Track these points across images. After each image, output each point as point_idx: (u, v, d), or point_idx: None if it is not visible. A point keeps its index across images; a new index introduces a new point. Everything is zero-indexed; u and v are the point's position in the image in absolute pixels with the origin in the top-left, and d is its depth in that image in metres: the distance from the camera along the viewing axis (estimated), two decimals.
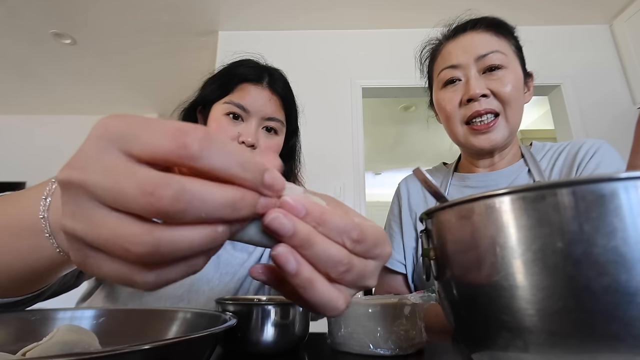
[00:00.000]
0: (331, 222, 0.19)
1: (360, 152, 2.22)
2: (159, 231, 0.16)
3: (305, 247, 0.19)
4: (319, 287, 0.19)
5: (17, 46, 2.53)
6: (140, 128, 0.16)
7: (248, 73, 0.67)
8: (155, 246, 0.15)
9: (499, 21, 0.70)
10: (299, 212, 0.19)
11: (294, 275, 0.19)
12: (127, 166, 0.15)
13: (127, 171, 0.15)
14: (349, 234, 0.20)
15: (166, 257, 0.16)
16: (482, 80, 0.65)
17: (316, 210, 0.19)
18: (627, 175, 0.19)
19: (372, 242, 0.21)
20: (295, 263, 0.19)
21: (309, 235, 0.19)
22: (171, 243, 0.16)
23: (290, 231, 0.18)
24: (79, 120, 3.62)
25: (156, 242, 0.15)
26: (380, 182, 5.96)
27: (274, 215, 0.18)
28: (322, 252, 0.19)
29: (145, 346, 0.18)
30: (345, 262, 0.19)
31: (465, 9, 0.75)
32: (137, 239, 0.15)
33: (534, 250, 0.20)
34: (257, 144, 0.65)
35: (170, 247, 0.16)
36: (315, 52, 2.42)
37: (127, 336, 0.33)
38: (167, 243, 0.16)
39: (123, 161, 0.16)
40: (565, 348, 0.20)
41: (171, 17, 2.28)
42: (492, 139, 0.65)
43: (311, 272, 0.19)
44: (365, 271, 0.21)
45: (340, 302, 0.20)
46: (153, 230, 0.16)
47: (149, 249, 0.15)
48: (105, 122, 0.16)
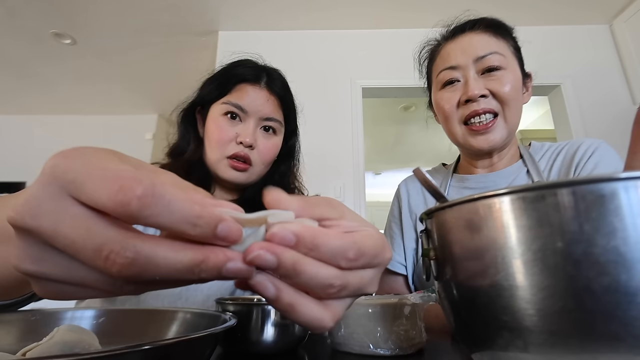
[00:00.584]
0: (324, 246, 0.18)
1: (360, 152, 2.22)
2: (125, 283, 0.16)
3: (292, 276, 0.18)
4: (302, 309, 0.19)
5: (17, 46, 2.53)
6: (85, 176, 0.15)
7: (246, 73, 0.67)
8: (137, 290, 0.17)
9: (498, 22, 0.70)
10: (288, 241, 0.18)
11: (274, 301, 0.18)
12: (81, 218, 0.15)
13: (82, 226, 0.15)
14: (344, 254, 0.19)
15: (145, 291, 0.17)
16: (480, 81, 0.65)
17: (307, 235, 0.18)
18: (627, 175, 0.19)
19: (371, 255, 0.20)
20: (274, 289, 0.18)
21: (295, 265, 0.18)
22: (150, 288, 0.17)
23: (273, 264, 0.17)
24: (79, 120, 3.62)
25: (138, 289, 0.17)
26: (380, 182, 5.96)
27: (254, 254, 0.17)
28: (310, 279, 0.18)
29: (145, 346, 0.18)
30: (337, 284, 0.19)
31: (465, 9, 0.75)
32: (106, 285, 0.16)
33: (534, 250, 0.20)
34: (255, 144, 0.65)
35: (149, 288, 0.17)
36: (315, 52, 2.43)
37: (127, 336, 0.33)
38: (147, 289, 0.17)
39: (76, 209, 0.15)
40: (565, 348, 0.20)
41: (171, 17, 2.28)
42: (490, 140, 0.65)
43: (292, 297, 0.19)
44: (363, 283, 0.20)
45: (326, 320, 0.19)
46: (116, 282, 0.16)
47: (130, 291, 0.17)
48: (52, 165, 0.16)
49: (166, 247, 0.15)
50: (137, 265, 0.15)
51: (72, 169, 0.15)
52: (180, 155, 0.70)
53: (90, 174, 0.15)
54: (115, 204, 0.14)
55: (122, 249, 0.15)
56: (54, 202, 0.15)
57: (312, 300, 0.19)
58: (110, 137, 3.53)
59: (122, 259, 0.15)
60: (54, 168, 0.16)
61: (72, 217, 0.15)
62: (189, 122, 0.72)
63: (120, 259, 0.15)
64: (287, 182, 0.75)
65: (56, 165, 0.16)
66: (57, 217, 0.15)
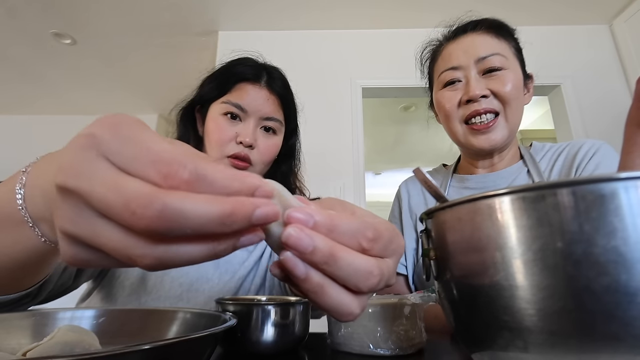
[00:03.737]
0: (342, 226, 0.18)
1: (360, 152, 2.22)
2: (162, 248, 0.16)
3: (330, 263, 0.18)
4: (331, 292, 0.19)
5: (17, 46, 2.53)
6: (127, 145, 0.16)
7: (246, 72, 0.67)
8: (157, 259, 0.16)
9: (499, 23, 0.70)
10: (306, 223, 0.18)
11: (304, 281, 0.18)
12: (115, 179, 0.16)
13: (115, 185, 0.15)
14: (363, 234, 0.19)
15: (169, 265, 0.16)
16: (482, 81, 0.65)
17: (324, 218, 0.18)
18: (627, 175, 0.19)
19: (388, 238, 0.20)
20: (303, 268, 0.18)
21: (331, 249, 0.18)
22: (173, 257, 0.16)
23: (309, 246, 0.17)
24: (79, 120, 3.61)
25: (158, 257, 0.16)
26: (380, 182, 5.96)
27: (287, 232, 0.17)
28: (348, 266, 0.18)
29: (145, 346, 0.18)
30: (376, 272, 0.19)
31: (466, 8, 0.75)
32: (140, 252, 0.16)
33: (534, 250, 0.20)
34: (255, 144, 0.65)
35: (173, 259, 0.16)
36: (315, 52, 2.42)
37: (127, 336, 0.33)
38: (169, 257, 0.16)
39: (113, 173, 0.16)
40: (565, 348, 0.20)
41: (171, 17, 2.28)
42: (491, 139, 0.65)
43: (322, 277, 0.18)
44: (390, 272, 0.20)
45: (353, 306, 0.19)
46: (155, 247, 0.16)
47: (152, 261, 0.16)
48: (93, 132, 0.16)
49: (194, 199, 0.15)
50: (165, 218, 0.15)
51: (113, 139, 0.16)
52: None
53: (136, 155, 0.16)
54: (157, 176, 0.15)
55: (149, 202, 0.15)
56: (92, 164, 0.16)
57: (341, 286, 0.19)
58: None
59: (150, 212, 0.15)
60: (94, 136, 0.16)
61: (105, 176, 0.16)
62: (188, 120, 0.71)
63: (148, 211, 0.15)
64: (289, 182, 0.75)
65: (95, 133, 0.16)
66: (94, 177, 0.16)
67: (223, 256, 0.17)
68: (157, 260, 0.16)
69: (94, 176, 0.16)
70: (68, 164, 0.16)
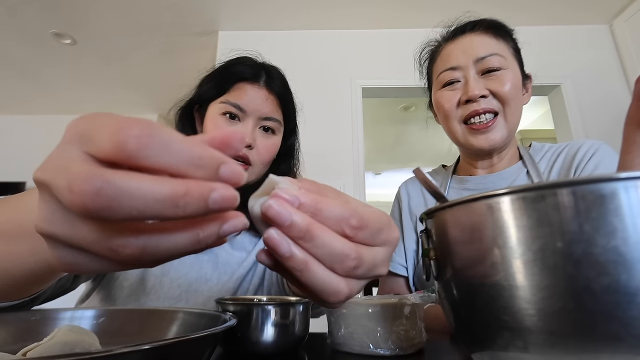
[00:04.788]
0: (327, 210, 0.18)
1: (360, 152, 2.22)
2: (143, 237, 0.15)
3: (306, 239, 0.18)
4: (316, 269, 0.19)
5: (17, 46, 2.53)
6: (95, 128, 0.15)
7: (245, 72, 0.66)
8: (140, 247, 0.16)
9: (498, 23, 0.70)
10: (291, 202, 0.18)
11: (288, 258, 0.18)
12: (70, 163, 0.15)
13: (64, 167, 0.15)
14: (347, 221, 0.19)
15: (154, 255, 0.16)
16: (481, 81, 0.65)
17: (310, 199, 0.18)
18: (627, 175, 0.19)
19: (376, 228, 0.20)
20: (287, 245, 0.18)
21: (308, 226, 0.18)
22: (156, 247, 0.16)
23: (287, 220, 0.18)
24: None
25: (141, 246, 0.15)
26: (380, 182, 5.96)
27: (268, 203, 0.18)
28: (324, 245, 0.18)
29: (145, 346, 0.18)
30: (353, 256, 0.19)
31: (466, 8, 0.75)
32: (121, 242, 0.15)
33: (534, 250, 0.20)
34: (254, 144, 0.65)
35: (156, 249, 0.16)
36: (315, 52, 2.42)
37: (127, 336, 0.33)
38: (152, 247, 0.16)
39: (75, 159, 0.15)
40: (565, 348, 0.20)
41: (171, 17, 2.28)
42: (491, 139, 0.65)
43: (306, 255, 0.18)
44: (376, 261, 0.20)
45: (341, 286, 0.19)
46: (135, 238, 0.15)
47: (134, 250, 0.15)
48: (70, 127, 0.17)
49: (141, 178, 0.14)
50: (105, 195, 0.13)
51: (84, 127, 0.16)
52: None
53: (97, 126, 0.15)
54: (114, 145, 0.14)
55: (87, 178, 0.14)
56: (63, 154, 0.16)
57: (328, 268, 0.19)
58: None
59: (88, 187, 0.13)
60: (70, 129, 0.16)
61: (65, 164, 0.15)
62: (186, 120, 0.71)
63: (86, 187, 0.13)
64: None
65: (73, 126, 0.16)
66: (58, 166, 0.15)
67: (211, 247, 0.17)
68: (140, 250, 0.15)
69: (60, 166, 0.15)
70: (50, 157, 0.16)
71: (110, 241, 0.15)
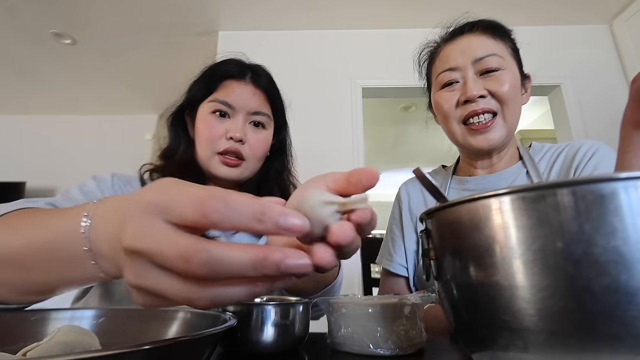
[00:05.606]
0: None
1: (360, 152, 2.22)
2: (213, 290, 0.20)
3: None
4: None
5: (17, 46, 2.53)
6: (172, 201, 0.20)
7: (231, 70, 0.68)
8: (210, 300, 0.20)
9: (496, 24, 0.70)
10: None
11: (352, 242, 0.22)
12: (170, 235, 0.19)
13: (169, 240, 0.19)
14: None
15: (218, 304, 0.20)
16: (479, 82, 0.65)
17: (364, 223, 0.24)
18: (627, 175, 0.19)
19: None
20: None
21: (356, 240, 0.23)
22: (221, 298, 0.20)
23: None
24: (79, 120, 3.62)
25: (210, 298, 0.20)
26: (381, 182, 5.94)
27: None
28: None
29: (145, 346, 0.18)
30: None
31: (466, 9, 0.75)
32: (196, 295, 0.20)
33: (534, 250, 0.20)
34: (245, 139, 0.66)
35: (221, 299, 0.20)
36: (315, 52, 2.42)
37: (127, 336, 0.33)
38: (218, 298, 0.20)
39: (167, 230, 0.20)
40: (565, 348, 0.20)
41: (171, 17, 2.28)
42: (490, 139, 0.66)
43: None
44: None
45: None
46: (207, 290, 0.20)
47: (206, 302, 0.20)
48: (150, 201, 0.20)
49: (232, 247, 0.19)
50: (210, 263, 0.18)
51: (158, 200, 0.20)
52: (173, 157, 0.70)
53: (178, 201, 0.20)
54: (201, 217, 0.19)
55: (197, 251, 0.18)
56: (153, 227, 0.20)
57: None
58: (110, 137, 3.53)
59: (199, 259, 0.18)
60: (151, 202, 0.20)
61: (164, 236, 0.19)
62: (179, 124, 0.72)
63: (197, 259, 0.18)
64: (282, 178, 0.75)
65: (152, 201, 0.20)
66: (155, 238, 0.19)
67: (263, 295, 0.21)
68: (210, 301, 0.20)
69: (154, 237, 0.19)
70: (133, 230, 0.20)
71: (190, 293, 0.20)
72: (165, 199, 0.20)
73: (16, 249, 0.30)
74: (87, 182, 0.61)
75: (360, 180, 0.27)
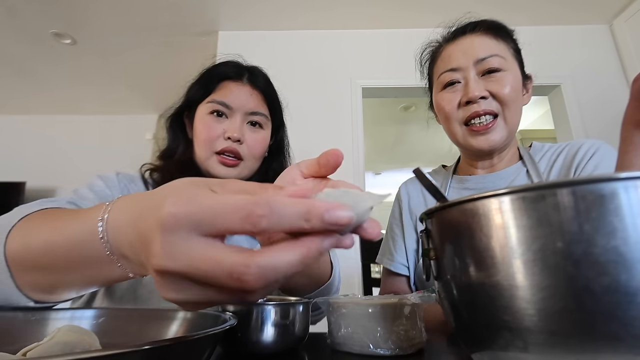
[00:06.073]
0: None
1: (360, 152, 2.22)
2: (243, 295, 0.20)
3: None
4: None
5: (17, 46, 2.53)
6: (211, 215, 0.19)
7: (228, 71, 0.69)
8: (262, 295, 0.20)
9: (498, 24, 0.70)
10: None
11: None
12: (208, 252, 0.19)
13: (212, 260, 0.18)
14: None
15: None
16: (481, 83, 0.65)
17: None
18: (627, 175, 0.19)
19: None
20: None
21: None
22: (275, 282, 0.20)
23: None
24: (79, 120, 3.62)
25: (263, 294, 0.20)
26: (380, 182, 5.95)
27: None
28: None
29: (145, 346, 0.18)
30: None
31: (466, 9, 0.75)
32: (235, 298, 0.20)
33: (534, 250, 0.20)
34: (243, 139, 0.66)
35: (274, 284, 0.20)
36: (315, 52, 2.42)
37: (127, 336, 0.33)
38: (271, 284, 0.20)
39: (204, 246, 0.19)
40: (565, 348, 0.20)
41: (171, 17, 2.28)
42: (490, 140, 0.66)
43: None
44: None
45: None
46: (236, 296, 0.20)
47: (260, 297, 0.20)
48: (174, 214, 0.19)
49: (277, 252, 0.19)
50: (264, 275, 0.18)
51: (195, 213, 0.19)
52: (171, 157, 0.70)
53: (216, 212, 0.19)
54: (250, 226, 0.18)
55: (247, 267, 0.18)
56: (185, 243, 0.19)
57: None
58: (110, 137, 3.53)
59: (251, 275, 0.18)
60: (177, 216, 0.19)
61: (201, 253, 0.19)
62: (177, 125, 0.73)
63: (249, 275, 0.18)
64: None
65: (177, 214, 0.19)
66: (189, 256, 0.19)
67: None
68: (263, 296, 0.20)
69: (191, 256, 0.19)
70: (162, 249, 0.19)
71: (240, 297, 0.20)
72: (194, 211, 0.19)
73: (38, 253, 0.30)
74: (94, 182, 0.61)
75: (328, 161, 0.28)
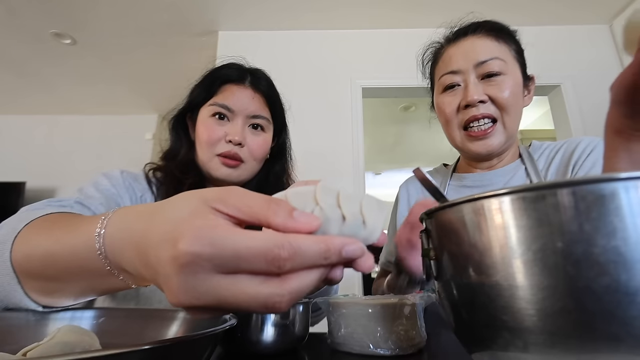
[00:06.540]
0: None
1: (360, 152, 2.22)
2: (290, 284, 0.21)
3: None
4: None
5: (17, 46, 2.53)
6: (234, 258, 0.19)
7: (230, 74, 0.69)
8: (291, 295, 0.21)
9: (500, 26, 0.70)
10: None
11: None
12: (241, 287, 0.20)
13: (247, 295, 0.20)
14: None
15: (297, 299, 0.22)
16: (480, 86, 0.65)
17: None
18: (627, 176, 0.19)
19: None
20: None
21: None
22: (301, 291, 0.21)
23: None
24: (79, 120, 3.62)
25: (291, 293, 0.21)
26: (380, 182, 5.95)
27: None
28: None
29: (145, 346, 0.18)
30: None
31: (466, 9, 0.75)
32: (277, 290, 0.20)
33: (534, 250, 0.20)
34: (244, 142, 0.67)
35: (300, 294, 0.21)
36: (316, 52, 2.42)
37: (127, 336, 0.33)
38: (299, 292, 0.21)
39: (233, 281, 0.20)
40: (565, 348, 0.20)
41: (171, 17, 2.28)
42: (489, 145, 0.66)
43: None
44: None
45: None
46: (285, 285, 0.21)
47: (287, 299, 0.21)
48: (192, 253, 0.19)
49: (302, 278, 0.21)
50: (294, 299, 0.21)
51: (215, 256, 0.19)
52: (174, 158, 0.71)
53: (240, 256, 0.20)
54: (274, 269, 0.20)
55: (281, 297, 0.20)
56: (206, 283, 0.19)
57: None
58: (110, 137, 3.53)
59: (285, 302, 0.20)
60: (195, 257, 0.19)
61: (227, 289, 0.20)
62: (180, 127, 0.73)
63: (283, 303, 0.20)
64: (282, 182, 0.76)
65: (195, 254, 0.19)
66: (216, 293, 0.20)
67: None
68: (291, 298, 0.21)
69: (217, 292, 0.20)
70: (182, 288, 0.19)
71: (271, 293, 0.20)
72: (215, 253, 0.19)
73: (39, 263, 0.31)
74: (100, 180, 0.61)
75: None
